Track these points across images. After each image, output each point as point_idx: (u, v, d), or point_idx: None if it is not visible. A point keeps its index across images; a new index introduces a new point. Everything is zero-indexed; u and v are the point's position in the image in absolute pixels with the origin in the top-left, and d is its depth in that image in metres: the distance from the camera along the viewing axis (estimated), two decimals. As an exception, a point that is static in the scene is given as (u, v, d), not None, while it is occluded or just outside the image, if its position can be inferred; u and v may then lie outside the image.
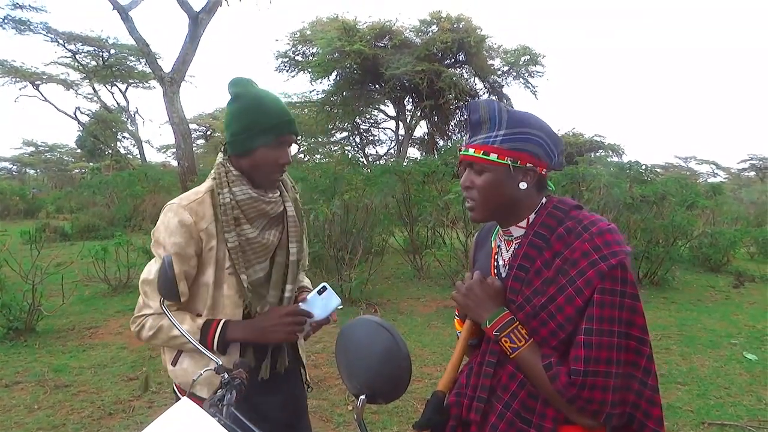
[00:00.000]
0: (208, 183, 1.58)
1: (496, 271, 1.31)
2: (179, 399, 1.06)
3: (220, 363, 1.20)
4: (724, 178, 34.40)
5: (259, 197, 1.55)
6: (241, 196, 1.52)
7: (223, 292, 1.55)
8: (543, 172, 1.23)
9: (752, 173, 35.88)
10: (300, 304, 1.56)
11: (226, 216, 1.51)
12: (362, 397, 1.05)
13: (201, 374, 1.25)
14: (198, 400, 1.43)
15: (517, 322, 1.19)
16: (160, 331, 1.51)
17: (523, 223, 1.26)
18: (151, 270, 1.53)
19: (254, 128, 1.50)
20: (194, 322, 1.51)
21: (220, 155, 1.59)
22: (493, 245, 1.35)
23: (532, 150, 1.21)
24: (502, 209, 1.26)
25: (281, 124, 1.52)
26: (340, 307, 1.60)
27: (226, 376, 1.17)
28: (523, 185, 1.22)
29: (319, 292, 1.58)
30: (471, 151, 1.24)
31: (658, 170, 17.39)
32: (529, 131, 1.22)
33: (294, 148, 1.66)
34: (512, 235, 1.28)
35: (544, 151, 1.22)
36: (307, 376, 1.81)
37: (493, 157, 1.21)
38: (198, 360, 1.54)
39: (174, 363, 1.57)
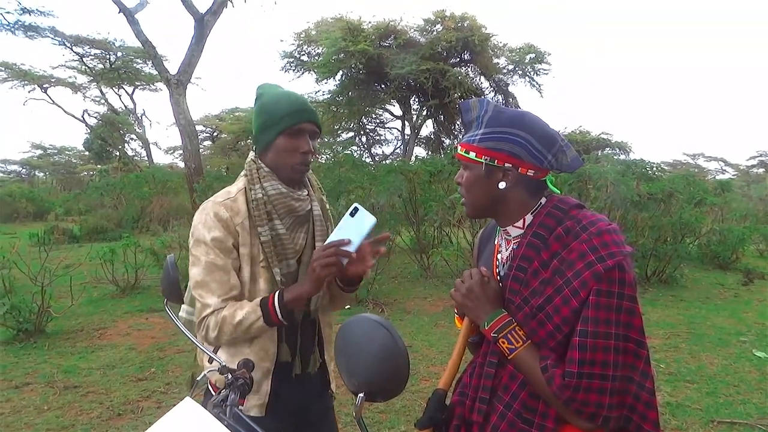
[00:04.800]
0: (239, 182, 1.62)
1: (497, 269, 1.31)
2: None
3: (223, 363, 1.20)
4: (733, 175, 34.13)
5: (289, 193, 1.58)
6: (272, 191, 1.56)
7: (259, 287, 1.57)
8: (529, 173, 1.21)
9: (761, 170, 35.55)
10: (332, 234, 1.49)
11: (259, 211, 1.55)
12: (361, 395, 1.05)
13: (204, 374, 1.25)
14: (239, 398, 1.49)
15: (515, 324, 1.19)
16: (223, 323, 1.49)
17: (520, 223, 1.25)
18: (195, 272, 1.53)
19: (273, 118, 1.55)
20: (251, 303, 1.51)
21: (251, 154, 1.64)
22: (496, 243, 1.35)
23: (510, 150, 1.20)
24: (487, 207, 1.27)
25: (296, 112, 1.55)
26: (374, 226, 1.46)
27: (230, 376, 1.17)
28: (501, 185, 1.22)
29: (351, 214, 1.45)
30: (459, 148, 1.27)
31: (666, 168, 17.26)
32: (507, 131, 1.20)
33: (315, 142, 1.66)
34: (510, 235, 1.27)
35: (527, 152, 1.19)
36: (333, 385, 1.81)
37: (471, 155, 1.23)
38: (234, 354, 1.54)
39: (211, 360, 1.56)
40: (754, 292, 7.64)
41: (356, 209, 1.45)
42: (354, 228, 1.44)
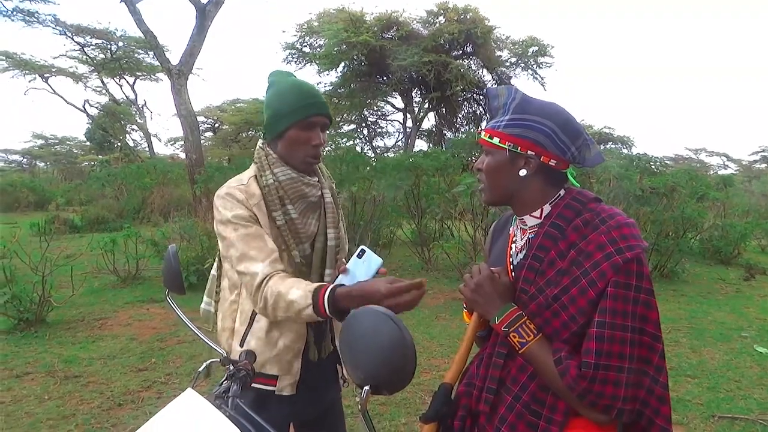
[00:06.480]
0: (249, 171, 1.63)
1: (511, 259, 1.30)
2: None
3: (225, 354, 1.19)
4: (735, 170, 34.09)
5: (300, 178, 1.59)
6: (282, 177, 1.58)
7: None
8: (551, 163, 1.20)
9: (763, 165, 35.52)
10: (341, 275, 1.48)
11: (272, 196, 1.57)
12: (366, 388, 1.04)
13: (206, 365, 1.24)
14: (271, 379, 1.54)
15: (525, 318, 1.18)
16: (278, 298, 1.41)
17: (537, 213, 1.24)
18: (232, 252, 1.50)
19: (286, 109, 1.56)
20: (306, 286, 1.41)
21: (260, 141, 1.65)
22: (510, 232, 1.35)
23: (535, 138, 1.19)
24: (506, 194, 1.26)
25: (310, 105, 1.56)
26: (382, 267, 1.49)
27: (232, 367, 1.16)
28: (522, 172, 1.21)
29: (359, 256, 1.51)
30: (482, 134, 1.26)
31: (668, 162, 17.24)
32: (534, 119, 1.20)
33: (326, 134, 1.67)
34: (527, 224, 1.27)
35: (552, 142, 1.19)
36: (344, 372, 1.82)
37: (495, 140, 1.23)
38: (264, 339, 1.56)
39: (242, 344, 1.59)
40: (755, 288, 7.63)
41: (363, 251, 1.51)
42: (362, 269, 1.49)
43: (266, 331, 1.56)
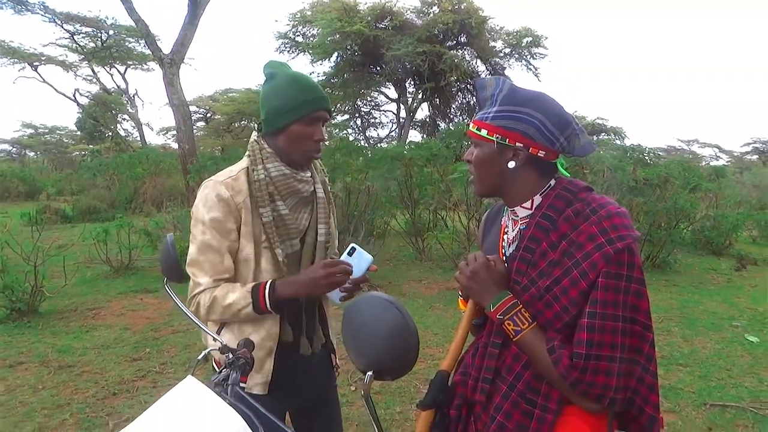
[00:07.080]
0: (242, 162, 1.61)
1: (503, 249, 1.30)
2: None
3: (224, 343, 1.19)
4: (727, 162, 34.29)
5: (292, 174, 1.58)
6: (274, 172, 1.56)
7: (262, 267, 1.58)
8: (540, 154, 1.20)
9: (755, 156, 35.78)
10: None
11: (261, 192, 1.55)
12: (369, 373, 1.05)
13: (204, 353, 1.24)
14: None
15: (521, 306, 1.18)
16: (215, 303, 1.51)
17: (528, 204, 1.24)
18: (192, 251, 1.55)
19: (289, 104, 1.54)
20: (243, 288, 1.52)
21: (254, 134, 1.63)
22: (502, 223, 1.34)
23: (523, 130, 1.18)
24: (496, 186, 1.26)
25: (315, 100, 1.55)
26: (373, 264, 1.56)
27: (231, 355, 1.16)
28: (511, 164, 1.21)
29: (349, 254, 1.54)
30: (471, 125, 1.26)
31: (661, 153, 17.30)
32: (521, 110, 1.19)
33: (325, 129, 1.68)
34: (518, 215, 1.26)
35: (541, 134, 1.18)
36: (337, 360, 1.84)
37: (483, 132, 1.22)
38: (238, 334, 1.56)
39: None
40: (746, 278, 7.71)
41: (353, 248, 1.54)
42: (353, 266, 1.52)
43: (239, 324, 1.58)
